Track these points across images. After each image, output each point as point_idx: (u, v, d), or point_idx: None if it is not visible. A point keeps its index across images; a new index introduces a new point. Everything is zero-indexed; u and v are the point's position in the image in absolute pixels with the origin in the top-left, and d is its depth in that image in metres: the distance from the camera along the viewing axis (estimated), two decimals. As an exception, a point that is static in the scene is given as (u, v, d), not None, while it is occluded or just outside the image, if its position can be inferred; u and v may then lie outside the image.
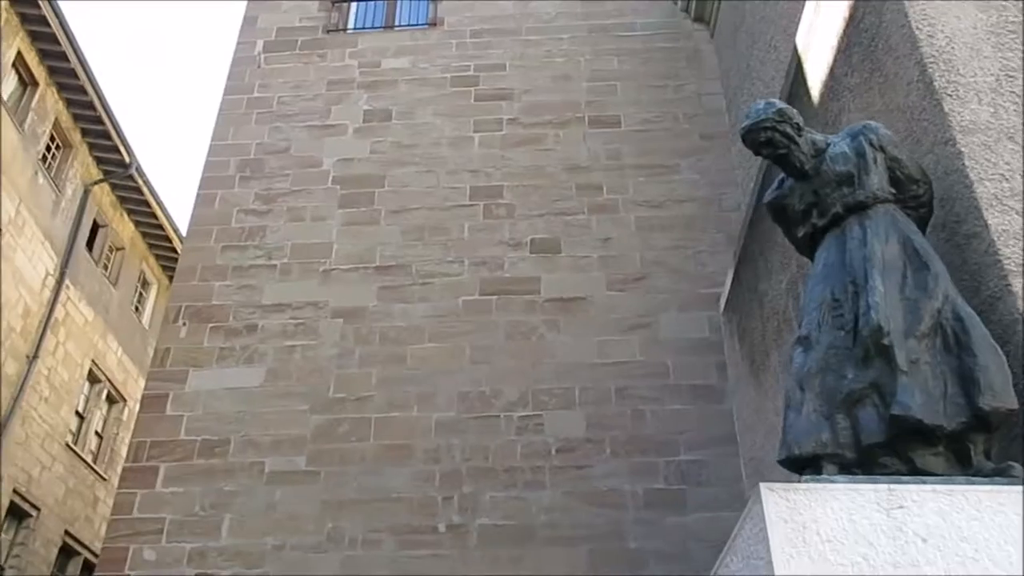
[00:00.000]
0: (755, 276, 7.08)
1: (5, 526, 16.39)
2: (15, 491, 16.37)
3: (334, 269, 9.02)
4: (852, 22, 4.78)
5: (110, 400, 19.70)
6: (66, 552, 17.43)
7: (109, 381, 19.31)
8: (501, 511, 7.53)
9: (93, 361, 19.11)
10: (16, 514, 16.69)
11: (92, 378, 19.35)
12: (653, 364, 8.15)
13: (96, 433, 19.25)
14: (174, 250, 20.41)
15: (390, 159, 9.81)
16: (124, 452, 10.20)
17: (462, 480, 7.71)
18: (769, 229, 6.64)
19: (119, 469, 9.39)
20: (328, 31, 10.92)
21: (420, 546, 7.46)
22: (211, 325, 8.73)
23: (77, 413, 18.92)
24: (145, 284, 21.38)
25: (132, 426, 8.53)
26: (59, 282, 17.65)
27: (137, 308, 21.14)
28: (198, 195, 9.59)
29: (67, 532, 17.40)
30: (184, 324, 8.75)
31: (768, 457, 6.62)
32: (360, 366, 8.39)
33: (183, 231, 13.03)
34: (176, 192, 54.79)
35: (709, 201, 9.22)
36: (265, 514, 7.73)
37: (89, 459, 18.40)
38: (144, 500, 7.91)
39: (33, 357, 16.71)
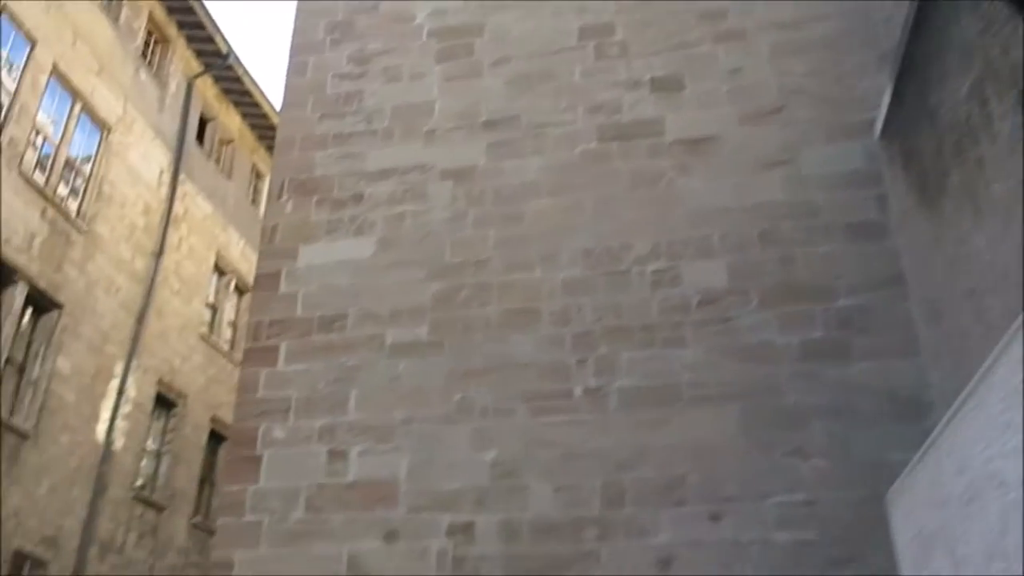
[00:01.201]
0: (923, 89, 6.04)
1: (156, 414, 17.02)
2: (160, 381, 16.90)
3: (438, 129, 8.36)
4: None
5: (239, 291, 19.96)
6: (215, 436, 18.01)
7: (234, 272, 19.50)
8: (640, 372, 6.94)
9: (217, 253, 19.30)
10: (164, 403, 17.30)
11: (219, 270, 19.60)
12: (799, 203, 7.25)
13: (229, 323, 19.61)
14: (282, 135, 20.07)
15: (487, 6, 8.95)
16: (249, 336, 10.10)
17: (595, 341, 7.13)
18: (943, 27, 5.56)
19: (245, 353, 9.26)
20: None
21: (555, 412, 6.98)
22: (316, 198, 8.28)
23: (208, 305, 19.27)
24: (258, 176, 21.30)
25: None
26: (174, 177, 17.68)
27: (253, 200, 21.14)
28: (289, 63, 9.02)
29: (213, 418, 17.95)
30: (288, 199, 8.33)
31: (949, 295, 5.74)
32: (475, 228, 7.81)
33: (285, 109, 12.58)
34: (276, 81, 54.98)
35: (855, 15, 8.03)
36: (390, 388, 7.39)
37: (225, 348, 18.79)
38: (268, 379, 7.69)
39: (159, 253, 16.91)
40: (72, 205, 15.35)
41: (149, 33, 17.78)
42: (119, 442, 15.58)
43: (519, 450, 7.03)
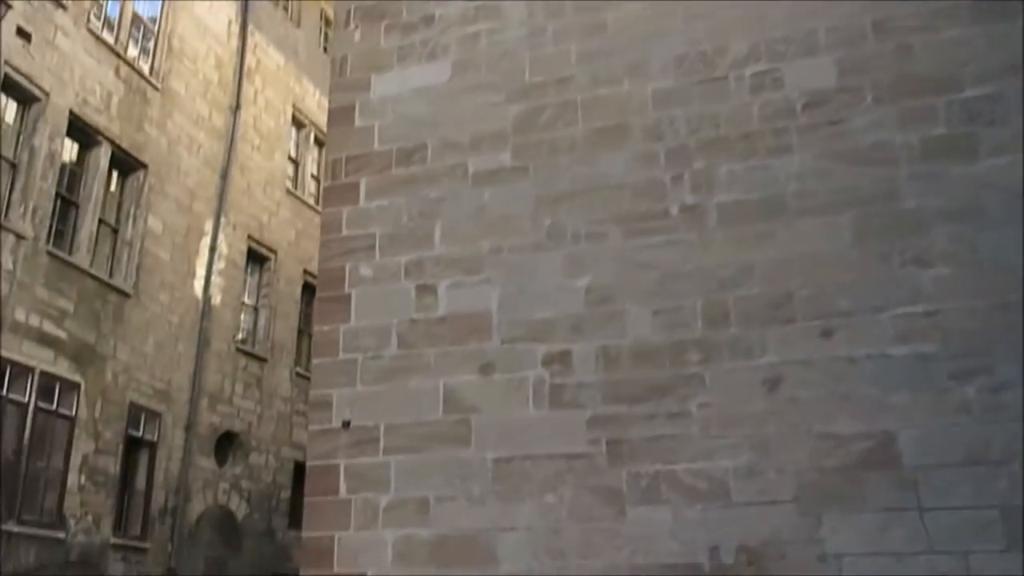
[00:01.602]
0: None
1: (250, 269, 17.25)
2: (250, 236, 17.04)
3: (509, -63, 7.67)
4: None
5: (318, 143, 19.72)
6: (309, 289, 18.21)
7: (312, 124, 19.24)
8: (742, 184, 6.44)
9: (293, 105, 19.02)
10: (256, 258, 17.50)
11: (296, 123, 19.37)
12: (916, -14, 6.44)
13: (312, 176, 19.52)
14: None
15: None
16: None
17: (691, 155, 6.63)
18: None
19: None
20: None
21: (651, 233, 6.59)
22: (385, 23, 7.78)
23: (290, 159, 19.16)
24: (327, 23, 20.63)
25: (327, 147, 7.98)
26: (243, 28, 17.24)
27: (325, 49, 20.58)
28: None
29: (305, 271, 18.13)
30: (356, 27, 7.86)
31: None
32: (555, 43, 7.24)
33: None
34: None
35: None
36: (476, 218, 7.07)
37: (311, 202, 18.77)
38: (351, 217, 7.47)
39: (236, 107, 16.70)
40: (144, 64, 15.15)
41: None
42: (217, 298, 15.90)
43: (614, 274, 6.70)
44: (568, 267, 6.80)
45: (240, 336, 16.66)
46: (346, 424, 7.09)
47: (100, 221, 13.81)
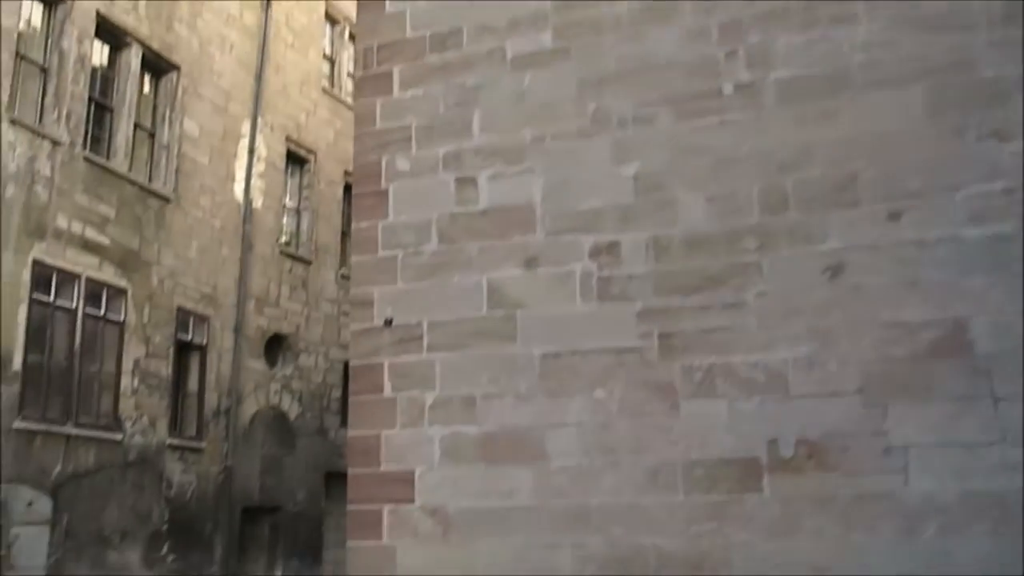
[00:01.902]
0: None
1: (290, 171, 17.05)
2: (288, 138, 16.78)
3: None
4: None
5: (353, 39, 19.12)
6: (350, 190, 17.93)
7: (346, 19, 18.68)
8: (802, 58, 5.97)
9: (326, 1, 18.44)
10: (296, 160, 17.28)
11: (330, 19, 18.82)
12: None
13: (348, 75, 19.05)
14: None
15: None
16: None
17: (746, 29, 6.16)
18: None
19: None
20: None
21: (703, 115, 6.18)
22: None
23: (325, 57, 18.70)
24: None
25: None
26: (270, -82, 16.57)
27: (357, -62, 19.71)
28: None
29: (345, 172, 17.86)
30: (383, -98, 7.36)
31: None
32: (598, -90, 6.70)
33: None
34: None
35: None
36: (516, 105, 6.71)
37: (348, 100, 18.35)
38: (385, 109, 7.14)
39: (266, 2, 16.22)
40: (171, -40, 14.66)
41: None
42: (258, 201, 15.76)
43: (664, 160, 6.33)
44: (615, 153, 6.44)
45: (283, 239, 16.58)
46: (388, 322, 6.93)
47: (136, 125, 13.62)
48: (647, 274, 6.27)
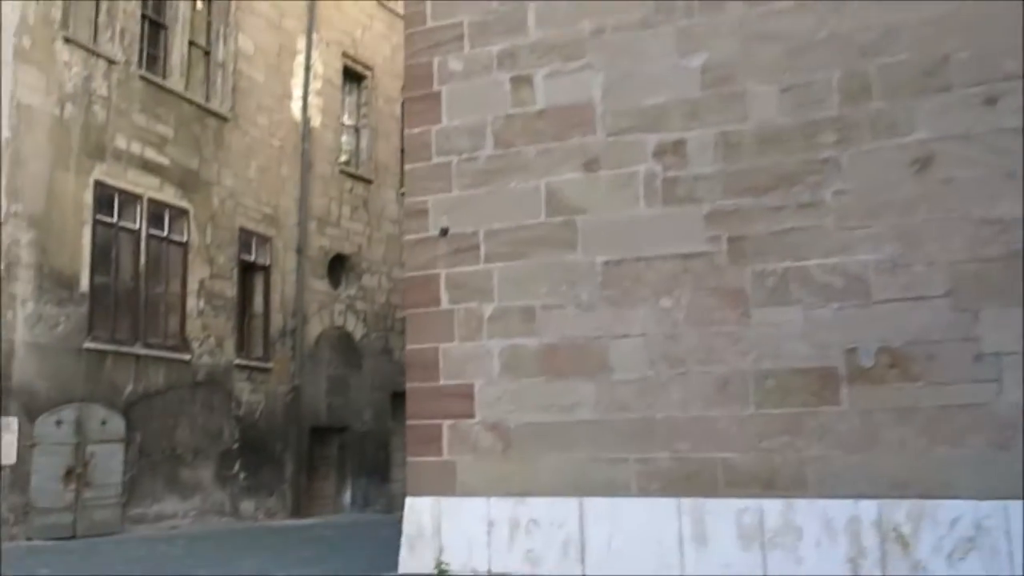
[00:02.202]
0: None
1: (347, 89, 16.75)
2: (344, 54, 16.44)
3: None
4: None
5: (408, -50, 18.47)
6: (407, 108, 17.56)
7: (401, -72, 17.97)
8: (888, -73, 5.40)
9: (377, -92, 17.77)
10: (353, 77, 16.94)
11: (383, -73, 18.15)
12: None
13: (405, -12, 18.41)
14: None
15: None
16: None
17: (825, -102, 5.58)
18: None
19: None
20: None
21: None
22: None
23: (380, -32, 18.10)
24: None
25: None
26: None
27: None
28: None
29: (403, 88, 17.43)
30: None
31: None
32: None
33: None
34: None
35: None
36: (574, -5, 6.27)
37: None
38: (436, 6, 6.77)
39: (317, -87, 15.69)
40: None
41: None
42: (316, 119, 15.53)
43: (734, 50, 5.86)
44: (681, 44, 5.99)
45: (343, 158, 16.37)
46: (443, 232, 6.67)
47: (190, 43, 13.40)
48: (716, 174, 5.87)
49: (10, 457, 2.25)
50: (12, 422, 2.36)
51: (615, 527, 5.90)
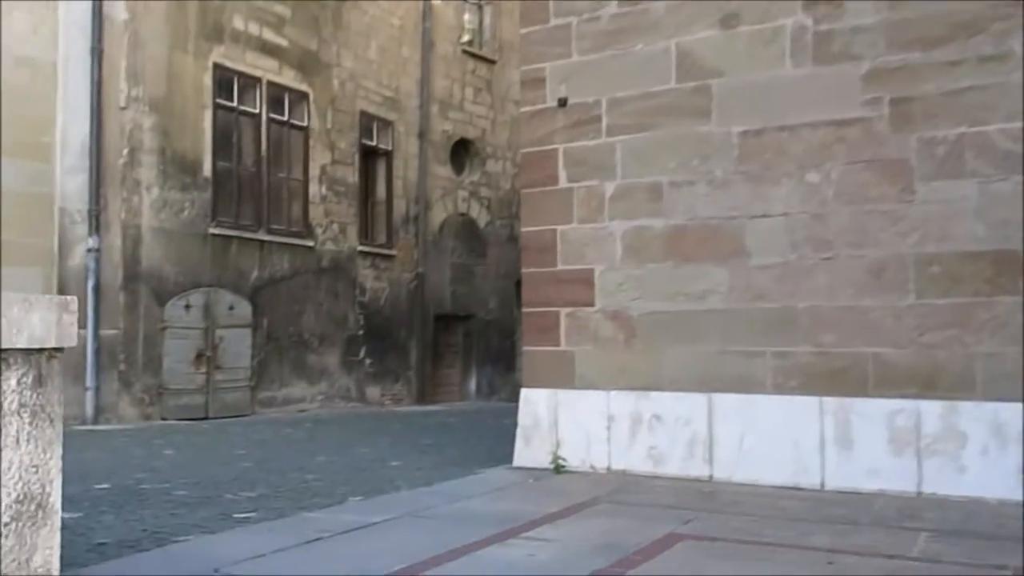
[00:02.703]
0: None
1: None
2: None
3: None
4: None
5: None
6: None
7: None
8: None
9: None
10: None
11: None
12: None
13: None
14: None
15: None
16: None
17: None
18: None
19: None
20: None
21: None
22: None
23: None
24: None
25: None
26: None
27: None
28: None
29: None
30: None
31: None
32: None
33: None
34: None
35: None
36: None
37: None
38: None
39: None
40: None
41: None
42: (437, -4, 14.93)
43: None
44: None
45: (465, 37, 15.74)
46: (562, 102, 6.06)
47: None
48: (877, 25, 5.02)
49: (70, 339, 2.04)
50: (72, 302, 2.13)
51: (747, 426, 5.36)
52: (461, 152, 15.73)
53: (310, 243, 12.50)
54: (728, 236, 5.49)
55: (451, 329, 15.42)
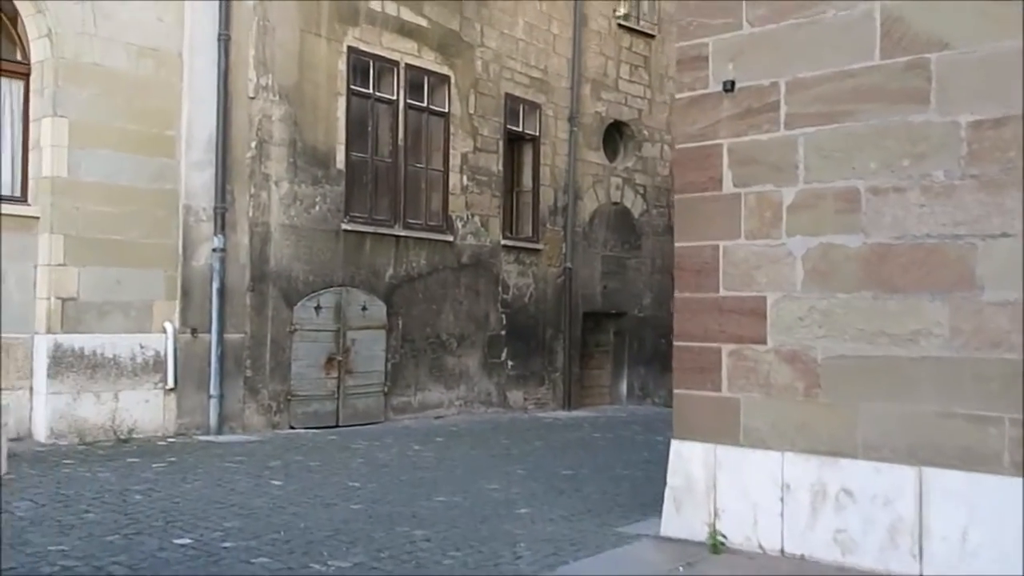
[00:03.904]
0: None
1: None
2: None
3: None
4: None
5: None
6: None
7: None
8: None
9: None
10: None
11: None
12: None
13: None
14: None
15: None
16: None
17: None
18: None
19: None
20: None
21: None
22: None
23: None
24: None
25: None
26: None
27: None
28: None
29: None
30: None
31: None
32: None
33: None
34: None
35: None
36: None
37: None
38: None
39: None
40: None
41: None
42: (590, -34, 13.72)
43: None
44: None
45: (621, 10, 14.44)
46: (729, 85, 4.84)
47: None
48: None
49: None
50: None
51: (974, 515, 4.04)
52: (614, 136, 14.52)
53: (449, 238, 11.66)
54: (951, 260, 4.15)
55: (601, 327, 14.29)
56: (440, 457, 8.28)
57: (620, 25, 14.29)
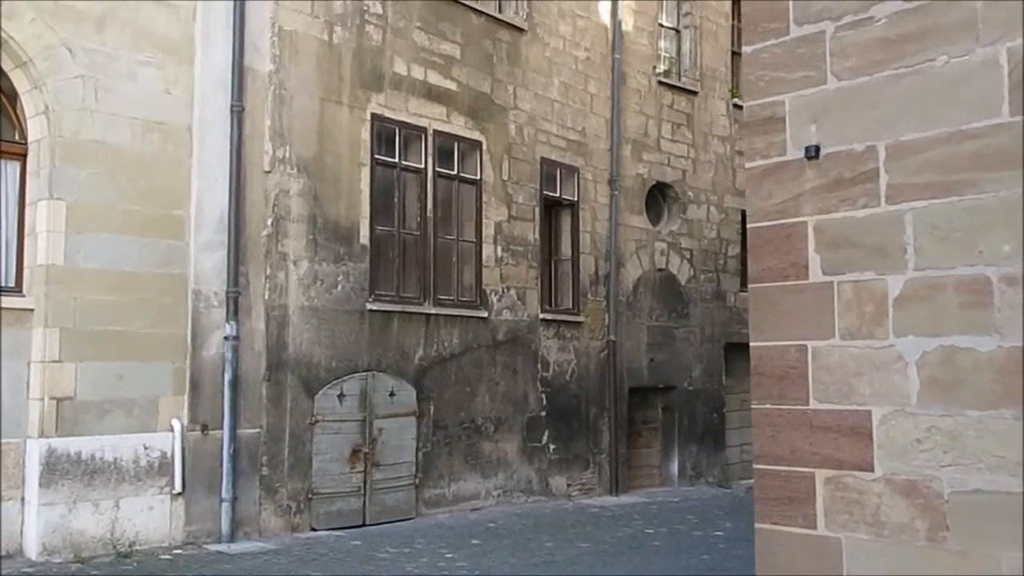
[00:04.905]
0: None
1: (665, -10, 13.94)
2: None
3: None
4: None
5: None
6: None
7: None
8: None
9: None
10: (670, -28, 14.12)
11: None
12: None
13: None
14: None
15: None
16: None
17: None
18: None
19: None
20: None
21: None
22: None
23: None
24: None
25: None
26: None
27: None
28: None
29: (731, -23, 14.38)
30: None
31: None
32: None
33: None
34: None
35: None
36: None
37: None
38: None
39: None
40: None
41: None
42: (628, 22, 13.01)
43: None
44: None
45: (661, 67, 13.74)
46: (813, 151, 3.97)
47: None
48: None
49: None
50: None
51: None
52: (657, 198, 13.70)
53: (483, 313, 10.84)
54: (1121, 370, 3.20)
55: (649, 403, 13.30)
56: (474, 567, 7.33)
57: (660, 82, 13.56)
